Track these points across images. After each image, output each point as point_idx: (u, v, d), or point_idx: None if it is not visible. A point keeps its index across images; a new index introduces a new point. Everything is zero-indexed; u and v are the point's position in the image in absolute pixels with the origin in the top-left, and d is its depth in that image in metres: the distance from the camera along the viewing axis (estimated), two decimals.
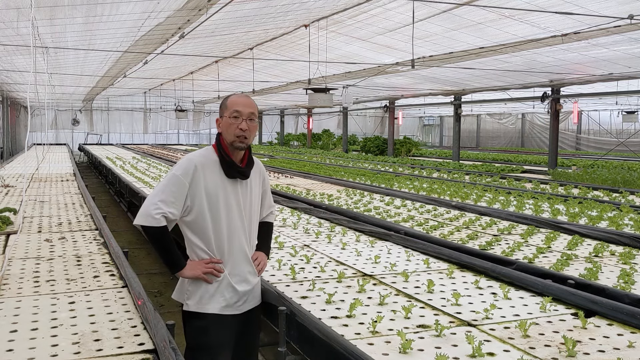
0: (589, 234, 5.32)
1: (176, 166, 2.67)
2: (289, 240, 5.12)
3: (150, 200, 2.62)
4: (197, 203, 2.62)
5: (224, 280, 2.67)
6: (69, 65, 16.54)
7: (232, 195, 2.69)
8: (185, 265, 2.65)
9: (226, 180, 2.68)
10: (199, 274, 2.62)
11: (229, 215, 2.67)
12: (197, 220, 2.64)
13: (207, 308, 2.65)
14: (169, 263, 2.66)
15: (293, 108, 32.62)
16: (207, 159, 2.68)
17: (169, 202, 2.58)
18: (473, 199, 8.09)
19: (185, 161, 2.67)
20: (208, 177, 2.65)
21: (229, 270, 2.69)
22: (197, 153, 2.73)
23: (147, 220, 2.57)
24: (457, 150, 20.10)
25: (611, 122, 30.84)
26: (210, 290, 2.65)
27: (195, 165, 2.63)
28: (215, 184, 2.66)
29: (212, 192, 2.64)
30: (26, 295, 3.19)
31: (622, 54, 11.79)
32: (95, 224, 5.57)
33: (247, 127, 2.67)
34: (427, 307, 3.19)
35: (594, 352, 2.55)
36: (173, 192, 2.60)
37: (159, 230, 2.57)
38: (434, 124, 43.44)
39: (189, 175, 2.61)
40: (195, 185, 2.62)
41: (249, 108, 2.70)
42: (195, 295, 2.66)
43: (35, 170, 12.29)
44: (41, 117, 26.33)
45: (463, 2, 9.17)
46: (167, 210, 2.57)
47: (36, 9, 8.01)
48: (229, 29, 11.92)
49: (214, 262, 2.65)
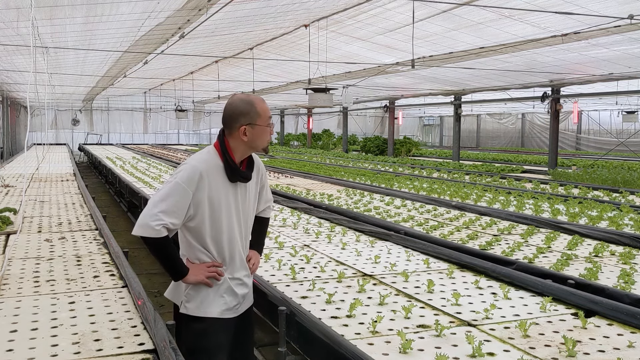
0: (589, 234, 5.32)
1: (180, 173, 2.53)
2: (289, 240, 5.12)
3: (150, 210, 2.48)
4: (200, 211, 2.54)
5: (224, 284, 2.63)
6: (69, 65, 16.54)
7: (232, 199, 2.62)
8: (188, 271, 2.56)
9: (228, 185, 2.61)
10: (202, 279, 2.56)
11: (229, 220, 2.61)
12: (198, 226, 2.57)
13: (207, 312, 2.59)
14: (171, 271, 2.58)
15: (293, 108, 32.63)
16: (211, 165, 2.57)
17: (170, 213, 2.46)
18: (473, 199, 8.09)
19: (190, 169, 2.53)
20: (212, 184, 2.55)
21: (229, 274, 2.65)
22: (200, 158, 2.60)
23: (146, 232, 2.45)
24: (457, 150, 20.10)
25: (611, 122, 30.83)
26: (211, 294, 2.61)
27: (200, 173, 2.51)
28: (218, 190, 2.57)
29: (215, 199, 2.56)
30: (26, 295, 3.19)
31: (622, 54, 11.79)
32: (95, 224, 5.57)
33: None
34: (427, 307, 3.20)
35: (594, 352, 2.55)
36: (176, 202, 2.48)
37: (158, 241, 2.47)
38: (434, 124, 43.42)
39: (193, 184, 2.50)
40: (199, 193, 2.52)
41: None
42: (195, 299, 2.60)
43: (35, 170, 12.28)
44: (41, 117, 26.29)
45: (463, 2, 9.16)
46: (168, 221, 2.45)
47: (36, 9, 8.01)
48: (229, 29, 11.92)
49: (216, 266, 2.60)
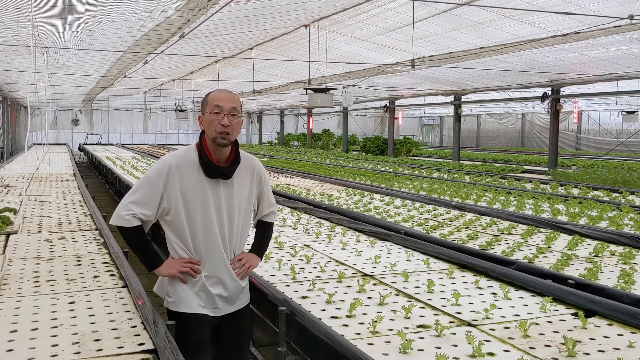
0: (589, 234, 5.32)
1: (151, 167, 2.64)
2: (289, 240, 5.12)
3: (123, 201, 2.62)
4: (174, 205, 2.59)
5: (199, 282, 2.65)
6: (69, 65, 16.55)
7: (212, 196, 2.61)
8: (162, 263, 2.64)
9: (206, 180, 2.61)
10: (175, 273, 2.61)
11: (206, 216, 2.61)
12: (174, 220, 2.62)
13: (184, 307, 2.64)
14: (145, 261, 2.66)
15: (293, 108, 32.60)
16: (184, 159, 2.62)
17: (140, 204, 2.57)
18: (473, 199, 8.09)
19: (160, 162, 2.62)
20: (185, 178, 2.59)
21: (205, 272, 2.66)
22: (174, 153, 2.68)
23: (118, 221, 2.59)
24: (457, 150, 20.10)
25: (611, 122, 30.84)
26: (187, 290, 2.65)
27: (169, 166, 2.58)
28: (192, 185, 2.59)
29: (188, 194, 2.59)
30: (26, 295, 3.19)
31: (622, 54, 11.79)
32: (95, 224, 5.57)
33: (229, 122, 2.56)
34: (427, 307, 3.19)
35: (594, 352, 2.55)
36: (146, 194, 2.57)
37: (129, 230, 2.58)
38: (434, 124, 43.43)
39: (162, 176, 2.57)
40: (170, 186, 2.57)
41: (231, 103, 2.59)
42: (173, 294, 2.67)
43: (35, 170, 12.28)
44: (41, 117, 26.33)
45: (463, 2, 9.17)
46: (138, 211, 2.56)
47: (36, 9, 8.00)
48: (229, 29, 11.92)
49: (193, 263, 2.63)
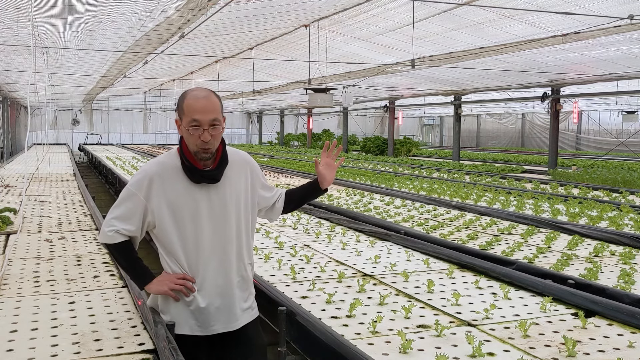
0: (589, 234, 5.32)
1: (132, 178, 2.41)
2: (289, 240, 5.12)
3: (107, 217, 2.42)
4: (160, 217, 2.34)
5: (194, 300, 2.37)
6: (69, 65, 16.55)
7: (201, 202, 2.35)
8: (153, 279, 2.40)
9: (192, 186, 2.35)
10: (166, 290, 2.35)
11: (197, 224, 2.35)
12: (162, 233, 2.37)
13: (177, 329, 2.37)
14: (134, 278, 2.51)
15: (293, 108, 32.60)
16: (166, 167, 2.37)
17: (123, 219, 2.36)
18: (473, 199, 8.08)
19: (140, 173, 2.38)
20: (168, 186, 2.34)
21: (199, 287, 2.37)
22: (155, 160, 2.43)
23: (102, 238, 2.41)
24: (457, 150, 20.11)
25: (611, 122, 30.86)
26: (180, 308, 2.38)
27: (150, 177, 2.33)
28: (178, 193, 2.34)
29: (174, 203, 2.34)
30: (26, 295, 3.19)
31: (622, 54, 11.79)
32: (95, 224, 5.57)
33: (209, 137, 2.27)
34: (427, 307, 3.19)
35: (594, 352, 2.55)
36: (129, 209, 2.36)
37: (114, 247, 2.39)
38: (434, 124, 43.44)
39: (142, 189, 2.33)
40: (154, 198, 2.33)
41: (210, 114, 2.26)
42: (167, 313, 2.41)
43: (35, 170, 12.28)
44: (41, 117, 26.34)
45: (463, 2, 9.16)
46: (120, 227, 2.35)
47: (36, 9, 8.01)
48: (229, 29, 11.92)
49: (187, 279, 2.35)
